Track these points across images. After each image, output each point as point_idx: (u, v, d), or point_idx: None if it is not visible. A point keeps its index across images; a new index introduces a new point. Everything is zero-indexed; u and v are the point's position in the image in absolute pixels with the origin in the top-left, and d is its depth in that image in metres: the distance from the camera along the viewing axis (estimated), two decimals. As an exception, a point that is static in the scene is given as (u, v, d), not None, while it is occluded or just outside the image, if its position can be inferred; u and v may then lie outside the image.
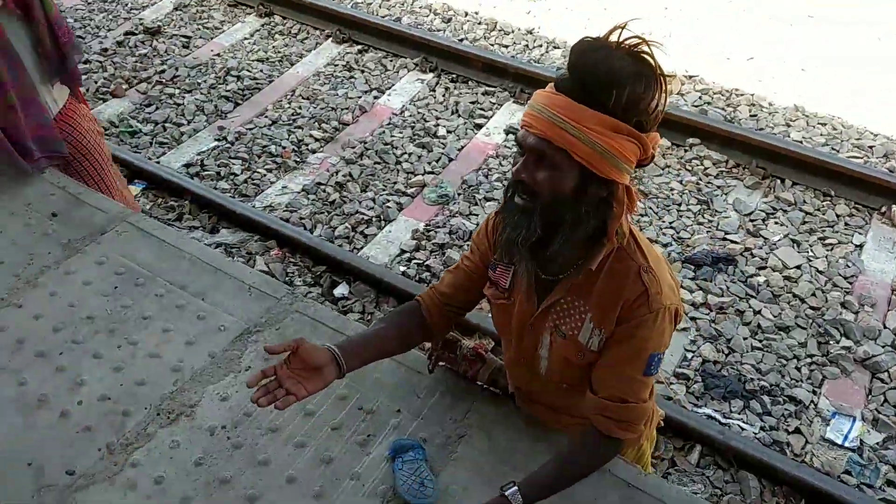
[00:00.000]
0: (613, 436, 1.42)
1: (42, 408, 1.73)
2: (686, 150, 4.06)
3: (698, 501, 1.55)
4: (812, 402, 2.88)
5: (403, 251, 3.53)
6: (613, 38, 1.23)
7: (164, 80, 4.63)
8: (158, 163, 3.96)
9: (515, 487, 1.44)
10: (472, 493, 1.57)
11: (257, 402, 1.36)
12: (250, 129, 4.25)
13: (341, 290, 3.31)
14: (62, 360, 1.83)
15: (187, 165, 3.99)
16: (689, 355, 3.04)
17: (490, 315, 1.67)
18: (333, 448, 1.66)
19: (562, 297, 1.43)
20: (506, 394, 1.78)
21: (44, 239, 2.15)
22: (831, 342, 3.08)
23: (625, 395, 1.40)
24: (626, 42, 1.23)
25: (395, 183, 3.92)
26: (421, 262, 3.46)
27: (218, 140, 4.17)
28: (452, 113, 4.41)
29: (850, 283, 3.35)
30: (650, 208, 3.72)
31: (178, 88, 4.57)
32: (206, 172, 3.94)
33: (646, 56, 1.23)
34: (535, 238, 1.32)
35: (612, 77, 1.20)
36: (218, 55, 4.88)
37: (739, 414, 2.84)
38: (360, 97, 4.52)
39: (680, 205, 3.75)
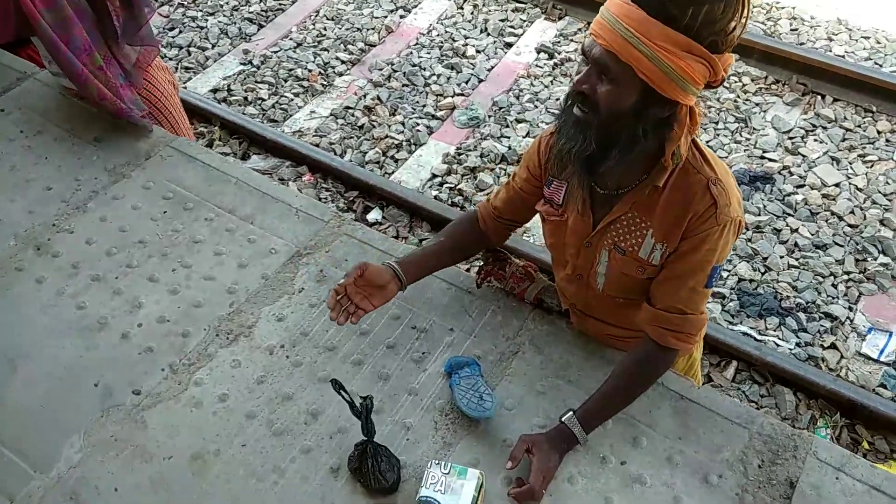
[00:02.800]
0: (669, 346, 1.43)
1: (103, 330, 1.78)
2: (723, 66, 3.94)
3: (749, 410, 1.57)
4: (848, 318, 2.89)
5: (435, 175, 3.51)
6: None
7: (185, 3, 4.52)
8: (185, 88, 3.91)
9: (571, 412, 1.48)
10: (528, 407, 1.61)
11: (337, 321, 1.53)
12: (275, 52, 4.18)
13: (374, 214, 3.31)
14: (118, 283, 1.87)
15: (214, 90, 3.95)
16: (725, 274, 3.04)
17: (536, 235, 1.68)
18: (390, 365, 1.70)
19: (622, 213, 1.42)
20: (551, 312, 1.80)
21: (89, 165, 2.16)
22: (869, 259, 3.06)
23: (685, 306, 1.40)
24: None
25: (424, 106, 3.86)
26: (453, 185, 3.45)
27: (243, 64, 4.11)
28: (481, 31, 4.29)
29: (890, 201, 3.29)
30: (685, 127, 3.65)
31: (201, 11, 4.47)
32: (234, 97, 3.90)
33: None
34: (590, 152, 1.30)
35: None
36: (238, -25, 4.75)
37: (775, 331, 2.86)
38: (385, 16, 4.40)
39: (717, 123, 3.67)
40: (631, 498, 1.46)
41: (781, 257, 3.08)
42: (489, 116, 3.79)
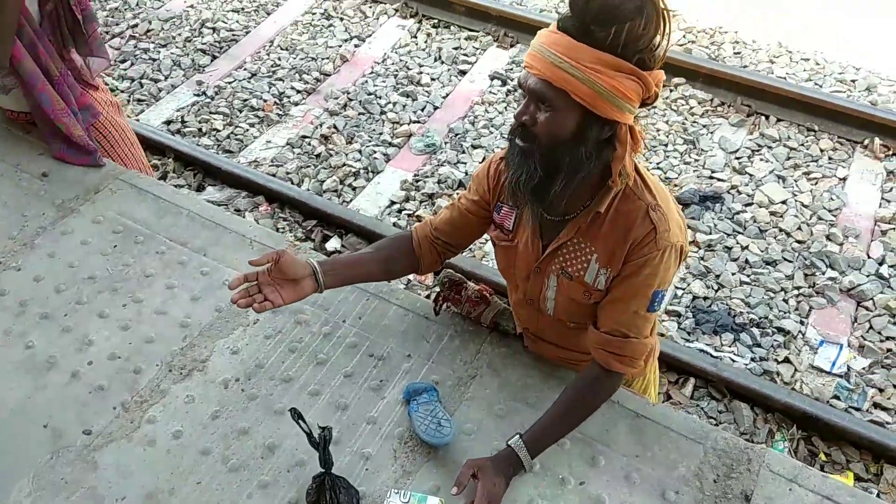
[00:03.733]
0: (613, 369, 1.46)
1: (52, 369, 1.73)
2: (671, 90, 4.06)
3: (703, 426, 1.60)
4: (800, 332, 2.96)
5: (393, 202, 3.52)
6: None
7: (137, 35, 4.49)
8: (138, 120, 3.87)
9: (518, 436, 1.49)
10: (487, 430, 1.61)
11: (236, 303, 1.47)
12: (230, 83, 4.16)
13: (333, 243, 3.30)
14: (68, 321, 1.83)
15: (168, 122, 3.91)
16: (680, 292, 3.10)
17: (494, 260, 1.68)
18: (347, 395, 1.68)
19: (568, 239, 1.44)
20: (508, 335, 1.81)
21: (36, 200, 2.12)
22: (817, 273, 3.15)
23: (628, 329, 1.43)
24: None
25: (380, 133, 3.88)
26: (411, 212, 3.46)
27: (197, 95, 4.09)
28: (436, 60, 4.35)
29: (835, 216, 3.41)
30: (637, 149, 3.73)
31: (153, 43, 4.44)
32: (188, 129, 3.87)
33: None
34: (537, 180, 1.32)
35: (611, 13, 1.18)
36: (191, 6, 4.74)
37: (730, 347, 2.91)
38: (340, 46, 4.43)
39: (667, 145, 3.76)
40: (591, 518, 1.46)
41: (733, 274, 3.16)
42: (445, 143, 3.83)
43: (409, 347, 1.78)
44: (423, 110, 4.02)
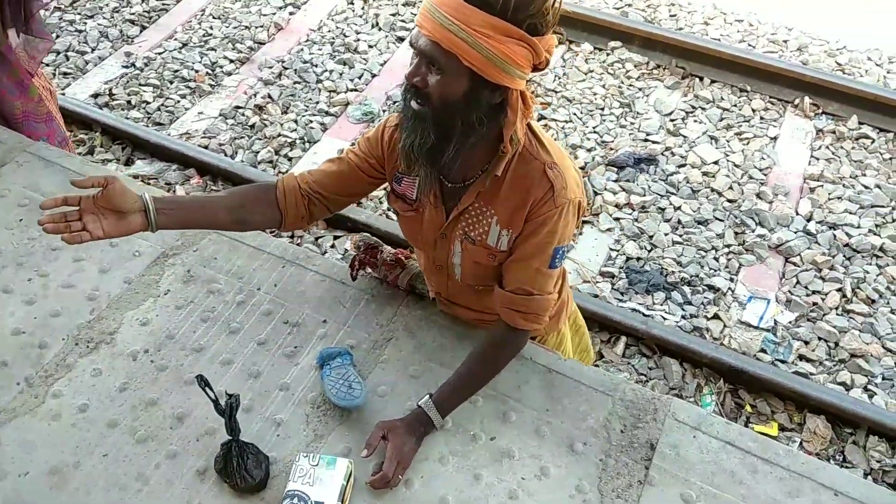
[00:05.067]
0: (518, 327, 1.46)
1: (-47, 347, 1.68)
2: (608, 54, 4.07)
3: (613, 378, 1.63)
4: (730, 288, 3.03)
5: (330, 171, 3.47)
6: None
7: (62, 6, 4.32)
8: (63, 94, 3.74)
9: (428, 396, 1.50)
10: (400, 392, 1.61)
11: (44, 228, 1.31)
12: (160, 54, 4.04)
13: (269, 214, 3.25)
14: (-31, 297, 1.77)
15: (95, 95, 3.79)
16: (614, 254, 3.14)
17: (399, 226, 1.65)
18: (260, 362, 1.67)
19: (469, 204, 1.43)
20: (424, 298, 1.81)
21: (-64, 175, 2.04)
22: (747, 231, 3.22)
23: (531, 287, 1.43)
24: None
25: (317, 103, 3.81)
26: (348, 181, 3.42)
27: (126, 67, 3.96)
28: (373, 27, 4.28)
29: (765, 175, 3.47)
30: (574, 114, 3.74)
31: (79, 14, 4.27)
32: (116, 102, 3.75)
33: None
34: (430, 144, 1.30)
35: None
36: (118, -25, 4.57)
37: (662, 305, 2.97)
38: (274, 13, 4.32)
39: (603, 109, 3.78)
40: (500, 472, 1.48)
41: (666, 234, 3.20)
42: (384, 111, 3.78)
43: (324, 313, 1.77)
44: (360, 78, 3.96)
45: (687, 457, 1.51)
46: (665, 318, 2.91)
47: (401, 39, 4.19)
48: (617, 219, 3.25)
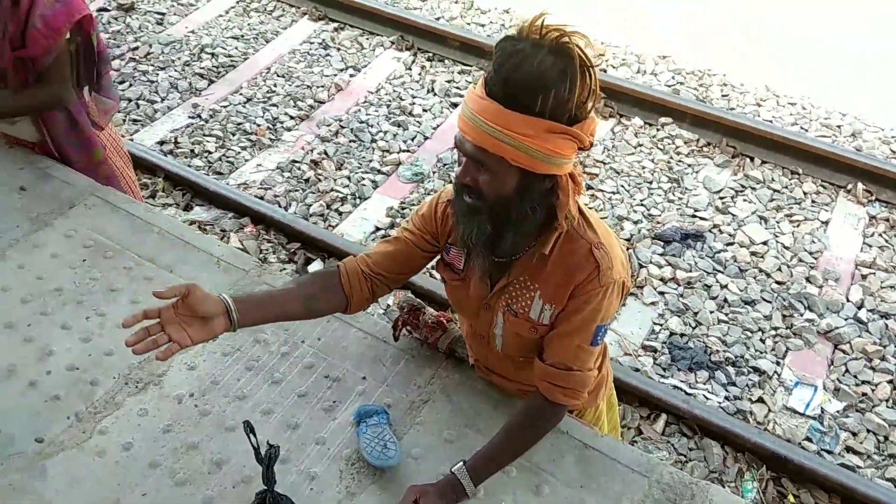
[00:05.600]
0: (557, 401, 1.47)
1: (10, 378, 1.75)
2: (658, 130, 4.11)
3: (650, 459, 1.60)
4: (776, 372, 2.96)
5: (378, 228, 3.56)
6: (536, 31, 1.20)
7: (137, 57, 4.58)
8: (132, 140, 3.94)
9: (462, 463, 1.50)
10: (435, 455, 1.61)
11: (133, 350, 1.29)
12: (225, 107, 4.24)
13: (316, 266, 3.33)
14: (30, 331, 1.85)
15: (161, 143, 3.98)
16: (657, 328, 3.11)
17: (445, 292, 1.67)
18: (299, 414, 1.69)
19: (515, 279, 1.46)
20: (463, 362, 1.82)
21: (12, 213, 2.15)
22: (795, 315, 3.16)
23: (570, 363, 1.44)
24: (549, 36, 1.19)
25: (370, 161, 3.93)
26: (395, 239, 3.49)
27: (192, 118, 4.16)
28: (428, 91, 4.42)
29: (816, 259, 3.42)
30: (622, 186, 3.77)
31: (152, 65, 4.53)
32: (180, 150, 3.93)
33: (568, 48, 1.19)
34: (487, 235, 1.34)
35: (536, 82, 1.17)
36: (192, 32, 4.84)
37: (705, 384, 2.91)
38: (335, 75, 4.51)
39: (651, 183, 3.80)
40: (530, 547, 1.46)
41: (711, 312, 3.16)
42: (433, 172, 3.88)
43: (364, 370, 1.79)
44: (413, 140, 4.07)
45: (724, 546, 1.47)
46: (707, 398, 2.85)
47: (454, 105, 4.31)
48: (662, 293, 3.23)
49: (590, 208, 1.46)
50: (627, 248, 3.39)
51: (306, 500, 1.52)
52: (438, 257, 1.59)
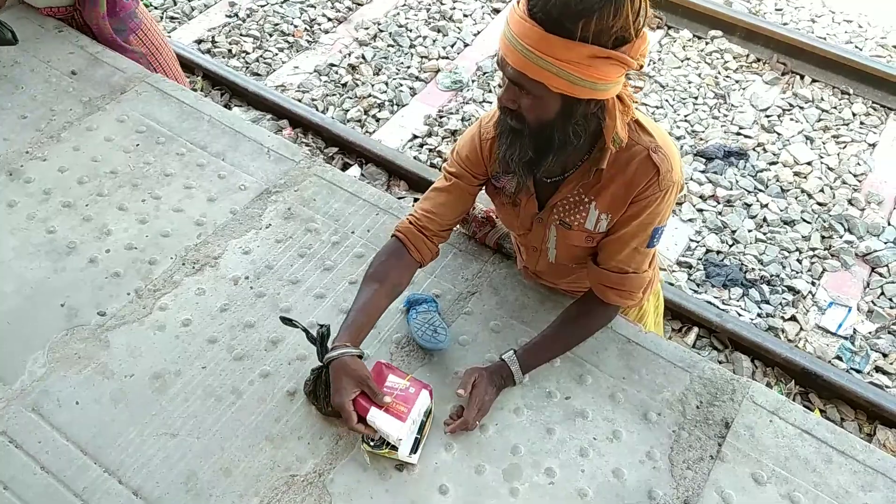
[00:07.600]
0: (611, 301, 1.49)
1: (71, 254, 1.81)
2: (707, 43, 3.98)
3: (692, 355, 1.63)
4: (810, 292, 2.96)
5: (415, 136, 3.54)
6: None
7: (173, -47, 4.48)
8: (169, 37, 3.90)
9: (512, 352, 1.54)
10: (481, 343, 1.66)
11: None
12: (262, 6, 4.16)
13: (353, 171, 3.34)
14: (88, 210, 1.89)
15: (198, 41, 3.94)
16: (693, 245, 3.11)
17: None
18: (351, 299, 1.73)
19: (567, 194, 1.45)
20: (510, 257, 1.84)
21: (64, 96, 2.17)
22: (835, 236, 3.13)
23: (627, 265, 1.45)
24: None
25: (408, 67, 3.87)
26: (432, 147, 3.48)
27: (229, 17, 4.10)
28: (469, -4, 4.30)
29: (860, 181, 3.36)
30: (666, 101, 3.69)
31: (188, -38, 4.43)
32: (218, 49, 3.89)
33: None
34: (528, 158, 1.33)
35: (578, 6, 1.11)
36: (228, -72, 4.70)
37: (738, 301, 2.93)
38: (375, -23, 4.39)
39: (696, 98, 3.71)
40: (572, 429, 1.52)
41: (749, 231, 3.15)
42: (472, 81, 3.81)
43: (413, 261, 1.82)
44: (452, 46, 3.99)
45: (762, 439, 1.51)
46: (740, 314, 2.87)
47: (496, 11, 4.20)
48: (700, 210, 3.21)
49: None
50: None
51: (358, 379, 1.58)
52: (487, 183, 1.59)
